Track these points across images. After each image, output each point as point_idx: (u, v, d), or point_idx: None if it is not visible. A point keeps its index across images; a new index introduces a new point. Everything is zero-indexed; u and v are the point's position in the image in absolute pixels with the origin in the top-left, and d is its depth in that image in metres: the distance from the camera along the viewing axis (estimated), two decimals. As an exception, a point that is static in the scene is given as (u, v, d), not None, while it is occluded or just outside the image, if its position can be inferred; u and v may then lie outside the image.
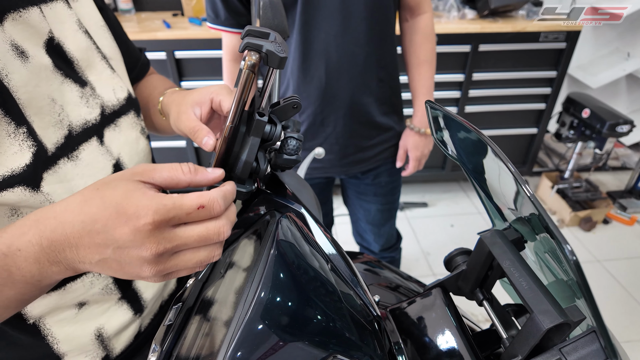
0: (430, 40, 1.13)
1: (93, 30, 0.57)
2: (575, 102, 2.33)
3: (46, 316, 0.52)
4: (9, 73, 0.44)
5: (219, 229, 0.35)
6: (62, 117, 0.49)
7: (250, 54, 0.36)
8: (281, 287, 0.35)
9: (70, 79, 0.51)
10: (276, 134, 0.41)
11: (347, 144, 1.13)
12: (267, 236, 0.41)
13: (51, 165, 0.48)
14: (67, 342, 0.54)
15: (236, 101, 0.37)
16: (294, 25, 0.97)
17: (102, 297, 0.56)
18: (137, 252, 0.33)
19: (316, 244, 0.44)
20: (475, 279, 0.51)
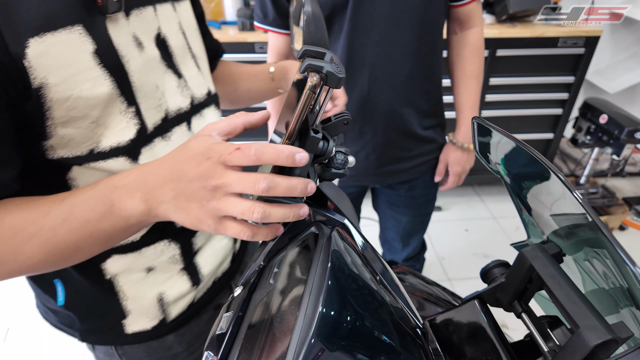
0: (479, 55, 1.11)
1: (188, 32, 0.65)
2: (592, 108, 2.31)
3: (120, 275, 0.61)
4: (129, 60, 0.51)
5: (256, 178, 0.38)
6: (162, 102, 0.57)
7: (312, 75, 0.37)
8: (340, 302, 0.36)
9: (171, 70, 0.59)
10: (328, 150, 0.42)
11: (384, 154, 1.12)
12: (319, 249, 0.42)
13: (149, 142, 0.56)
14: (134, 301, 0.63)
15: (295, 119, 0.39)
16: (341, 32, 0.97)
17: (168, 265, 0.64)
18: (200, 184, 0.39)
19: (363, 257, 0.45)
20: (514, 291, 0.52)
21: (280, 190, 0.39)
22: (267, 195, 0.39)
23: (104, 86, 0.49)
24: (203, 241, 0.69)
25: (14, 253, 0.44)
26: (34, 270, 0.47)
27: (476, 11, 1.08)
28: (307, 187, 0.41)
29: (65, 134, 0.48)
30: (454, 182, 1.21)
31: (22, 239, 0.44)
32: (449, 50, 1.15)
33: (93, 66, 0.47)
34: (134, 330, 0.65)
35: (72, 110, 0.47)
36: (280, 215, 0.41)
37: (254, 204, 0.40)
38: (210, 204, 0.40)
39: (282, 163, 0.38)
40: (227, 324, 0.43)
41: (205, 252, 0.70)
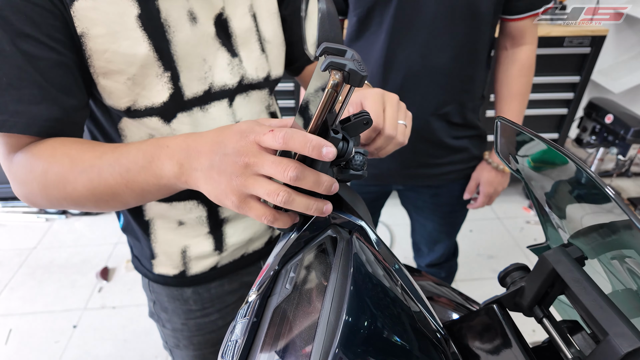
0: (527, 75, 1.06)
1: (262, 15, 0.67)
2: (597, 108, 2.30)
3: (156, 219, 0.70)
4: (176, 30, 0.56)
5: (287, 164, 0.38)
6: (208, 75, 0.61)
7: (334, 73, 0.35)
8: (363, 309, 0.35)
9: (225, 48, 0.62)
10: (348, 151, 0.41)
11: (410, 158, 1.09)
12: (339, 253, 0.41)
13: (186, 109, 0.61)
14: (162, 245, 0.72)
15: (315, 119, 0.37)
16: (380, 28, 0.94)
17: (196, 224, 0.71)
18: (233, 158, 0.40)
19: (383, 261, 0.43)
20: (535, 296, 0.50)
21: (307, 182, 0.39)
22: (293, 184, 0.39)
23: (142, 47, 0.54)
24: (232, 213, 0.73)
25: (66, 181, 0.50)
26: (78, 203, 0.52)
27: (530, 28, 1.02)
28: (332, 186, 0.41)
29: (106, 86, 0.55)
30: (483, 203, 1.16)
31: (76, 171, 0.50)
32: (496, 65, 1.09)
33: (135, 28, 0.53)
34: (160, 271, 0.75)
35: (110, 63, 0.53)
36: (304, 205, 0.40)
37: (280, 186, 0.40)
38: (238, 180, 0.40)
39: (307, 152, 0.38)
40: (242, 331, 0.42)
41: (236, 224, 0.74)
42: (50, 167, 0.50)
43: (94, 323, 1.81)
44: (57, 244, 2.26)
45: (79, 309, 1.87)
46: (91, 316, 1.84)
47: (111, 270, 2.08)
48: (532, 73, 1.07)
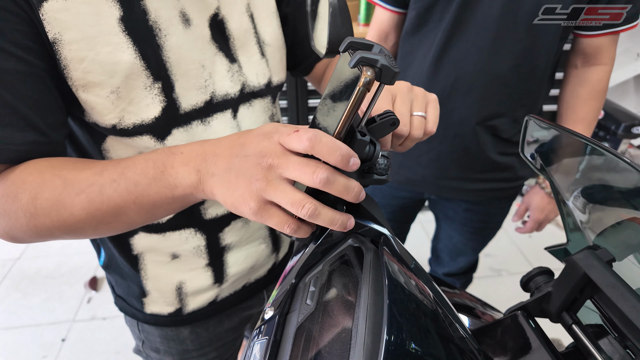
0: (598, 99, 0.95)
1: (260, 16, 0.60)
2: (587, 104, 2.31)
3: (146, 253, 0.62)
4: (168, 34, 0.49)
5: (317, 165, 0.35)
6: (208, 83, 0.54)
7: (365, 69, 0.32)
8: (402, 328, 0.32)
9: (223, 52, 0.56)
10: (375, 155, 0.38)
11: (448, 167, 1.01)
12: (367, 266, 0.38)
13: (184, 124, 0.54)
14: (153, 282, 0.65)
15: (344, 120, 0.34)
16: (440, 24, 0.88)
17: (193, 256, 0.63)
18: (255, 160, 0.36)
19: (413, 274, 0.40)
20: (564, 301, 0.48)
21: (337, 187, 0.36)
22: (322, 188, 0.35)
23: (125, 54, 0.46)
24: (235, 239, 0.66)
25: (61, 206, 0.44)
26: (74, 231, 0.46)
27: (608, 47, 0.91)
28: (360, 193, 0.38)
29: (87, 100, 0.48)
30: (532, 229, 1.09)
31: (70, 193, 0.44)
32: (563, 84, 1.00)
33: (116, 32, 0.46)
34: (152, 311, 0.68)
35: (88, 74, 0.46)
36: (329, 219, 0.37)
37: (306, 197, 0.36)
38: (259, 183, 0.36)
39: (335, 161, 0.34)
40: (262, 351, 0.38)
41: (238, 252, 0.68)
42: (40, 193, 0.44)
43: (84, 335, 1.74)
44: (42, 254, 2.18)
45: (68, 321, 1.80)
46: (80, 328, 1.77)
47: (100, 279, 2.01)
48: (603, 98, 0.96)
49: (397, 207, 1.19)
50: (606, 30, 0.88)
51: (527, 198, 1.09)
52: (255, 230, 0.68)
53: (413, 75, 0.98)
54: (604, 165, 0.39)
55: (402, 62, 1.02)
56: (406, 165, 1.06)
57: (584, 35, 0.91)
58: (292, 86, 1.99)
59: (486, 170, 1.02)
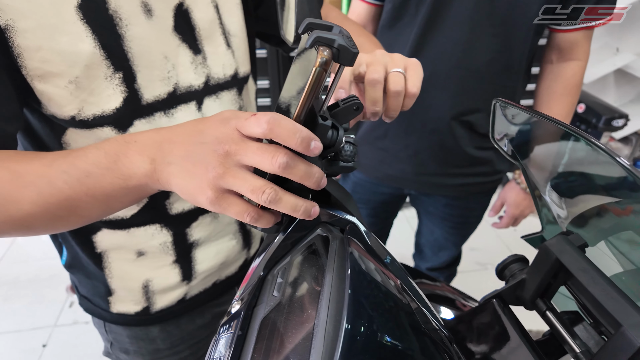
0: (573, 94, 0.95)
1: (224, 6, 0.59)
2: (569, 98, 2.34)
3: (111, 251, 0.61)
4: (129, 24, 0.48)
5: (276, 150, 0.34)
6: (171, 74, 0.53)
7: (322, 49, 0.31)
8: (364, 315, 0.31)
9: (187, 44, 0.55)
10: (338, 140, 0.37)
11: (426, 162, 1.01)
12: (332, 254, 0.37)
13: (146, 115, 0.53)
14: (119, 280, 0.63)
15: (301, 103, 0.33)
16: (416, 17, 0.87)
17: (159, 253, 0.62)
18: (212, 147, 0.35)
19: (381, 261, 0.40)
20: (537, 288, 0.48)
21: (297, 172, 0.34)
22: (282, 174, 0.34)
23: (85, 44, 0.45)
24: (203, 235, 0.65)
25: (8, 200, 0.41)
26: (26, 226, 0.43)
27: (582, 42, 0.92)
28: (322, 180, 0.37)
29: (44, 91, 0.46)
30: (508, 224, 1.10)
31: (19, 185, 0.41)
32: (539, 80, 1.00)
33: (75, 21, 0.44)
34: (118, 310, 0.66)
35: (46, 63, 0.44)
36: (291, 205, 0.36)
37: (267, 183, 0.35)
38: (216, 171, 0.35)
39: (294, 144, 0.33)
40: (227, 346, 0.37)
41: (207, 249, 0.66)
42: None
43: (66, 340, 1.70)
44: (22, 258, 2.13)
45: (49, 326, 1.76)
46: (62, 333, 1.73)
47: (83, 282, 1.97)
48: (578, 93, 0.96)
49: (378, 202, 1.18)
50: (581, 25, 0.89)
51: (503, 193, 1.09)
52: (225, 225, 0.67)
53: None
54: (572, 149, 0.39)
55: None
56: (385, 161, 1.05)
57: (559, 30, 0.92)
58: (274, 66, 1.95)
59: (464, 165, 1.02)
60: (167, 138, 0.39)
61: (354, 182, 1.19)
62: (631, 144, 2.71)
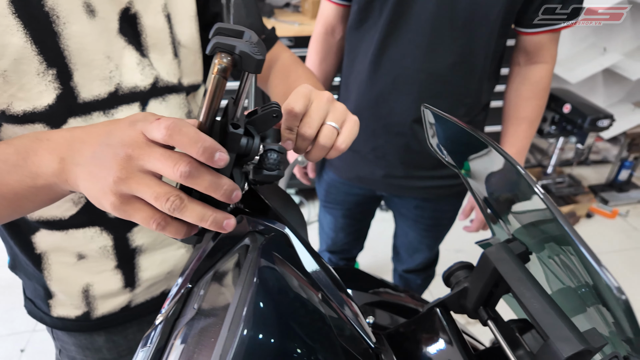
0: (540, 97, 0.94)
1: (176, 18, 0.59)
2: (555, 98, 2.34)
3: (51, 253, 0.59)
4: (67, 22, 0.48)
5: (180, 158, 0.32)
6: (113, 74, 0.53)
7: (221, 56, 0.30)
8: (269, 329, 0.30)
9: (133, 46, 0.55)
10: (254, 148, 0.36)
11: (394, 165, 1.00)
12: (247, 265, 0.35)
13: (82, 114, 0.52)
14: (58, 283, 0.61)
15: (205, 112, 0.32)
16: (380, 19, 0.86)
17: (100, 257, 0.61)
18: (115, 150, 0.33)
19: (304, 271, 0.38)
20: (479, 297, 0.47)
21: (202, 182, 0.33)
22: (185, 183, 0.32)
23: (14, 37, 0.45)
24: (147, 241, 0.63)
25: None
26: None
27: (548, 45, 0.90)
28: (233, 193, 0.35)
29: None
30: (478, 228, 1.09)
31: None
32: (507, 83, 0.98)
33: (7, 14, 0.44)
34: (59, 314, 0.64)
35: None
36: (197, 215, 0.34)
37: (172, 190, 0.33)
38: (117, 175, 0.33)
39: (196, 153, 0.32)
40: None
41: (152, 256, 0.65)
42: None
43: (44, 346, 1.68)
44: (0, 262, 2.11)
45: (27, 331, 1.74)
46: (40, 339, 1.71)
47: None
48: (546, 96, 0.95)
49: (353, 203, 1.17)
50: (545, 28, 0.88)
51: (473, 198, 1.08)
52: None
53: (357, 72, 0.97)
54: (489, 159, 0.38)
55: (348, 58, 1.00)
56: (355, 162, 1.05)
57: (524, 32, 0.91)
58: None
59: (431, 168, 1.01)
60: (78, 137, 0.37)
61: (328, 182, 1.18)
62: (619, 144, 2.71)
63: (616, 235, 2.33)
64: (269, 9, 2.10)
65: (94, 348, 0.67)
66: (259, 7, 0.51)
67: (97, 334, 0.67)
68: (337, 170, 1.12)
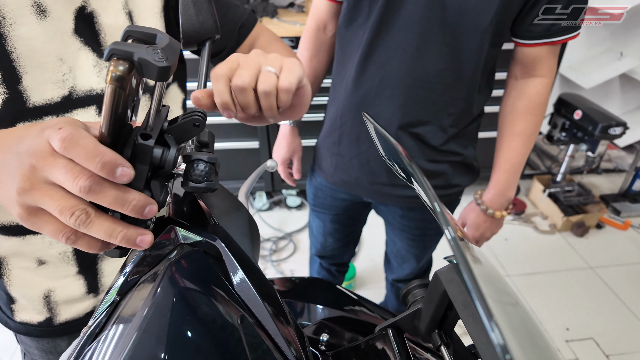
0: (537, 113, 0.89)
1: (140, 15, 0.57)
2: (566, 103, 2.26)
3: (10, 258, 0.58)
4: (15, 23, 0.47)
5: (81, 172, 0.30)
6: (67, 77, 0.52)
7: (117, 63, 0.28)
8: (158, 343, 0.28)
9: (89, 47, 0.53)
10: (168, 160, 0.34)
11: (378, 172, 0.97)
12: (158, 281, 0.33)
13: (33, 118, 0.51)
14: (19, 289, 0.61)
15: (105, 123, 0.30)
16: (368, 19, 0.83)
17: (60, 263, 0.60)
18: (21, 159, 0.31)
19: (223, 286, 0.36)
20: (431, 320, 0.44)
21: (105, 198, 0.31)
22: (87, 197, 0.30)
23: None
24: None
25: None
26: None
27: (547, 58, 0.85)
28: (146, 208, 0.33)
29: None
30: None
31: None
32: (504, 95, 0.94)
33: None
34: (22, 319, 0.64)
35: None
36: (104, 231, 0.32)
37: (78, 203, 0.31)
38: (20, 186, 0.31)
39: (94, 169, 0.30)
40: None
41: (116, 261, 0.63)
42: None
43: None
44: None
45: None
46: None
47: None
48: (543, 112, 0.90)
49: (340, 209, 1.14)
50: (542, 40, 0.83)
51: (464, 213, 1.04)
52: None
53: (344, 73, 0.94)
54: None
55: (337, 57, 0.98)
56: (340, 167, 1.01)
57: (520, 44, 0.86)
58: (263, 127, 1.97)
59: None
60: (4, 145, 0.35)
61: (316, 186, 1.15)
62: (635, 152, 2.60)
63: (627, 247, 2.24)
64: (272, 9, 2.08)
65: (57, 352, 0.66)
66: (213, 4, 0.49)
67: (61, 339, 0.66)
68: (324, 174, 1.09)
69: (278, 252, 2.18)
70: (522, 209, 2.46)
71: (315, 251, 1.33)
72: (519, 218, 2.44)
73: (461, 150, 0.97)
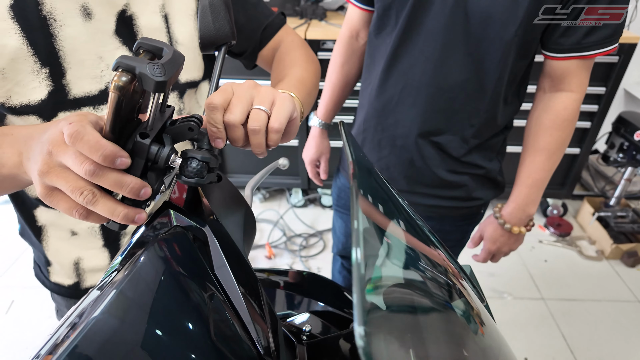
0: (563, 129, 0.86)
1: (176, 16, 0.64)
2: (627, 122, 2.10)
3: (49, 227, 0.68)
4: (64, 25, 0.54)
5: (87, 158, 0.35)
6: (104, 74, 0.59)
7: (121, 74, 0.33)
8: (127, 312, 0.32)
9: (127, 47, 0.60)
10: (161, 157, 0.39)
11: (397, 178, 0.97)
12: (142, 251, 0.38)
13: (72, 108, 0.58)
14: (54, 254, 0.70)
15: (109, 123, 0.35)
16: (395, 28, 0.85)
17: (89, 235, 0.68)
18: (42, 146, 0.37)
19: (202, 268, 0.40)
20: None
21: (106, 181, 0.37)
22: (91, 179, 0.36)
23: (11, 39, 0.51)
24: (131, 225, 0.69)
25: None
26: None
27: (577, 72, 0.82)
28: (140, 191, 0.38)
29: None
30: (485, 259, 1.02)
31: None
32: (531, 108, 0.92)
33: (6, 18, 0.51)
34: (55, 280, 0.74)
35: None
36: (107, 209, 0.38)
37: (86, 185, 0.37)
38: (40, 169, 0.37)
39: (97, 160, 0.35)
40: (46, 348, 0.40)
41: None
42: None
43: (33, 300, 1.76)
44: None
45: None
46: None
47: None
48: (570, 128, 0.86)
49: None
50: (573, 53, 0.80)
51: (482, 226, 1.02)
52: None
53: (371, 79, 0.96)
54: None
55: (365, 64, 1.00)
56: None
57: (549, 56, 0.83)
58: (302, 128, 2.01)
59: (434, 186, 0.97)
60: (31, 134, 0.43)
61: (339, 187, 1.18)
62: None
63: (685, 283, 2.05)
64: (321, 12, 2.12)
65: None
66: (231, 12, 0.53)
67: None
68: (347, 175, 1.12)
69: (308, 248, 2.23)
70: (567, 231, 2.32)
71: (337, 251, 1.36)
72: (563, 240, 2.31)
73: (484, 163, 0.95)
